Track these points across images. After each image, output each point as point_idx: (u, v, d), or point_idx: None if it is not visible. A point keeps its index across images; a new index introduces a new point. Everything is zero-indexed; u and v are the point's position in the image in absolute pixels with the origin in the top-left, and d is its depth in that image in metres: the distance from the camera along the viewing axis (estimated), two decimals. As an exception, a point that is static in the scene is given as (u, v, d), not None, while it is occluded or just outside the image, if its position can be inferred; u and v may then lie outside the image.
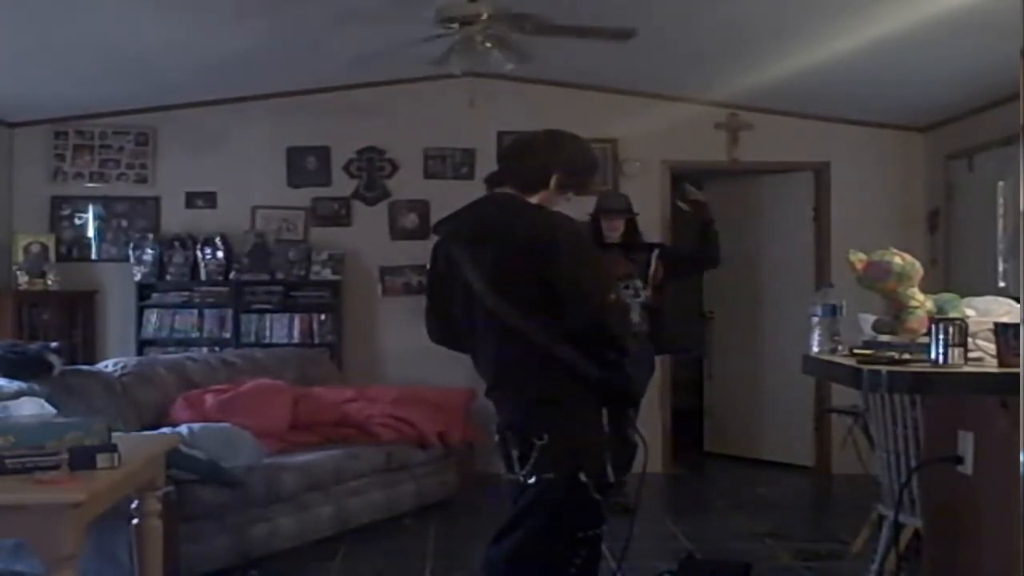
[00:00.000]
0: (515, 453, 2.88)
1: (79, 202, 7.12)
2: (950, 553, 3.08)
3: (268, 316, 6.99)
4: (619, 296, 2.94)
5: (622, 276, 5.70)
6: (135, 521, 3.40)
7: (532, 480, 2.84)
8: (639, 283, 5.85)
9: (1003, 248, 5.95)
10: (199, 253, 6.99)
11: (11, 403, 4.24)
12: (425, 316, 3.18)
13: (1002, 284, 5.76)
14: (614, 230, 5.91)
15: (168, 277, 6.97)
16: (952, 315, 2.91)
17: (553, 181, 2.96)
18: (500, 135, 7.07)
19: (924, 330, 2.93)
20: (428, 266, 3.16)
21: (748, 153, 7.31)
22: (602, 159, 6.86)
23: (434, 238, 3.15)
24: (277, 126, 7.15)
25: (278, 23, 5.45)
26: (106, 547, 3.80)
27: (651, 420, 6.89)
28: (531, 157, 3.01)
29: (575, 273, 2.81)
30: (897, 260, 3.09)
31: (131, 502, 3.38)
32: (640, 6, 5.13)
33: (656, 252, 5.98)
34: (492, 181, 3.07)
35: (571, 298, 2.79)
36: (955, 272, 6.64)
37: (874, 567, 4.17)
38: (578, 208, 4.24)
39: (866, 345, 3.11)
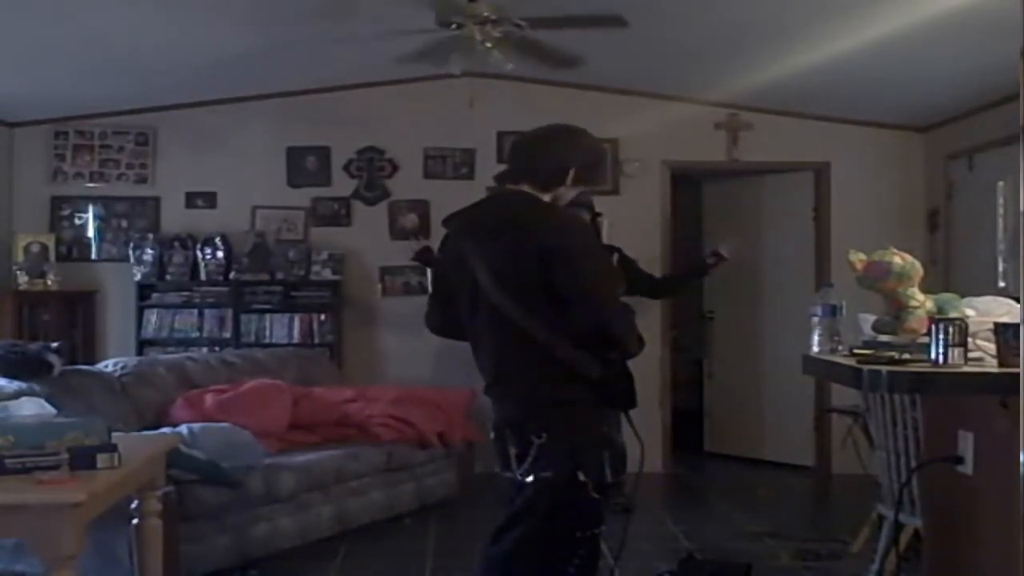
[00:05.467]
0: (513, 451, 2.88)
1: (79, 202, 7.12)
2: (950, 553, 3.08)
3: (268, 316, 6.99)
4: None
5: None
6: (135, 521, 3.41)
7: (530, 479, 2.83)
8: None
9: (1003, 248, 5.95)
10: (199, 253, 6.99)
11: (11, 403, 4.24)
12: (427, 306, 3.18)
13: (1002, 284, 5.76)
14: None
15: (168, 277, 6.97)
16: (952, 315, 2.91)
17: (570, 176, 2.96)
18: (500, 135, 7.08)
19: (924, 330, 2.92)
20: (436, 256, 3.17)
21: (748, 153, 7.31)
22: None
23: (436, 237, 3.15)
24: (277, 126, 7.16)
25: (278, 23, 5.45)
26: (106, 547, 3.80)
27: (651, 420, 6.89)
28: (549, 152, 3.00)
29: (582, 275, 2.80)
30: (897, 260, 3.08)
31: (131, 502, 3.38)
32: (640, 6, 5.13)
33: (616, 257, 5.93)
34: (504, 179, 3.06)
35: (576, 299, 2.78)
36: (955, 272, 6.64)
37: (874, 567, 4.17)
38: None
39: (866, 345, 3.11)
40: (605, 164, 3.28)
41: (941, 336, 2.69)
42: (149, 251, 6.94)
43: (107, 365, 5.56)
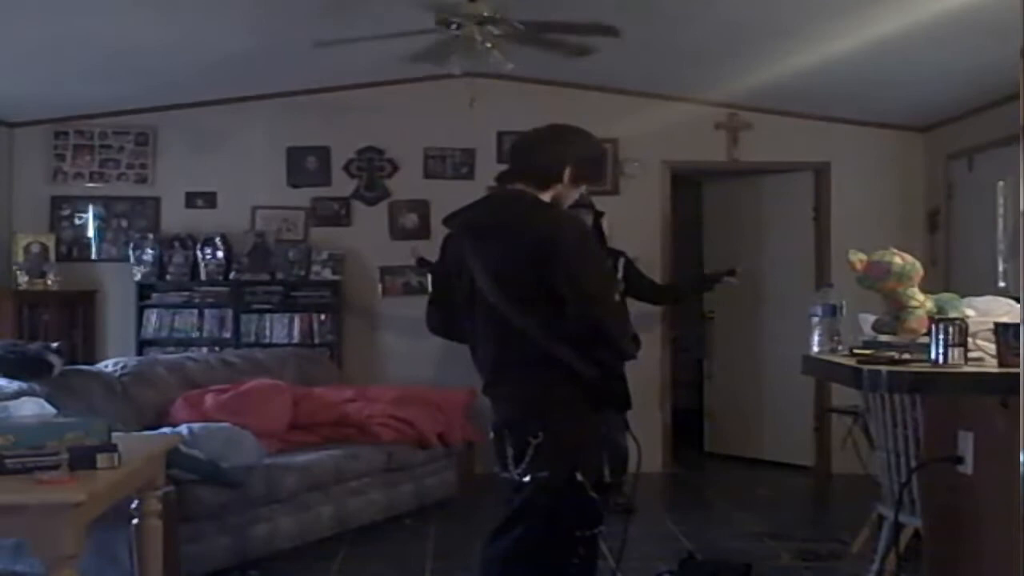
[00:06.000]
0: (510, 452, 2.88)
1: (79, 202, 7.12)
2: (950, 553, 3.08)
3: (268, 316, 6.99)
4: (622, 299, 2.94)
5: None
6: (135, 521, 3.40)
7: (527, 479, 2.83)
8: None
9: (1003, 248, 5.95)
10: (199, 253, 6.99)
11: (11, 403, 4.24)
12: (427, 305, 3.18)
13: (1002, 284, 5.76)
14: None
15: (168, 277, 6.97)
16: (952, 315, 2.91)
17: (567, 175, 2.97)
18: (500, 135, 7.08)
19: (924, 330, 2.92)
20: (437, 258, 3.19)
21: (748, 153, 7.31)
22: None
23: (436, 237, 3.15)
24: (277, 126, 7.16)
25: (278, 23, 5.45)
26: (106, 547, 3.80)
27: (651, 420, 6.90)
28: (543, 152, 3.01)
29: (577, 273, 2.80)
30: (897, 260, 3.08)
31: (131, 502, 3.38)
32: (640, 6, 5.14)
33: (622, 261, 5.92)
34: (504, 179, 3.06)
35: (572, 298, 2.78)
36: (955, 272, 6.64)
37: (874, 567, 4.16)
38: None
39: (866, 345, 3.11)
40: (604, 163, 3.28)
41: (941, 336, 2.69)
42: (149, 251, 6.94)
43: (107, 365, 5.56)
